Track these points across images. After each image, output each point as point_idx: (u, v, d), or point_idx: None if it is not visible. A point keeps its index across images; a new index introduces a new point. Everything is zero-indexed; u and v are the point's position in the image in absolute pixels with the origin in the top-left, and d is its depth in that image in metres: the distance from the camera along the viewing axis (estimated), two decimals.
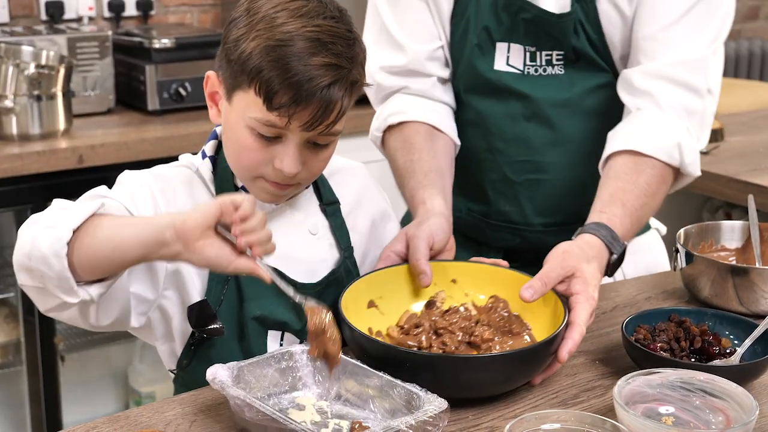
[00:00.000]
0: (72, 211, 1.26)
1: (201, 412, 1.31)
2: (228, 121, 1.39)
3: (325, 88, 1.31)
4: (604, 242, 1.50)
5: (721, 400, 1.26)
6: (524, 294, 1.39)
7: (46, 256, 1.22)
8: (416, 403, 1.22)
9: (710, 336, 1.44)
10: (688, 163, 1.63)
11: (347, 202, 1.55)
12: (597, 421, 1.18)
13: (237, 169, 1.42)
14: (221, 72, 1.39)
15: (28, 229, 1.27)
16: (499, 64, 1.73)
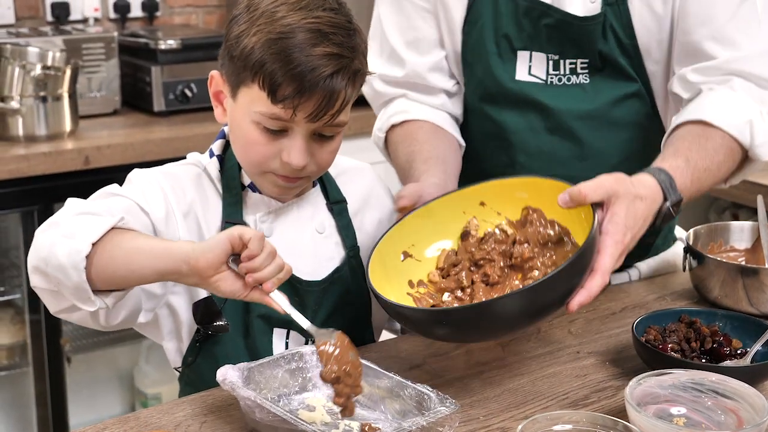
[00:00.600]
0: (91, 222, 1.27)
1: (211, 413, 1.30)
2: (234, 118, 1.40)
3: (328, 77, 1.32)
4: (661, 186, 1.42)
5: (732, 401, 1.25)
6: (561, 200, 1.34)
7: (65, 266, 1.24)
8: (427, 405, 1.22)
9: (721, 337, 1.44)
10: (758, 144, 1.55)
11: (354, 202, 1.55)
12: (609, 422, 1.18)
13: (245, 164, 1.43)
14: (224, 70, 1.40)
15: (45, 234, 1.29)
16: (521, 74, 1.67)
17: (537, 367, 1.45)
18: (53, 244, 1.26)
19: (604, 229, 1.32)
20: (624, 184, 1.36)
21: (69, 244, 1.25)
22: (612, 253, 1.31)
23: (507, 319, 1.27)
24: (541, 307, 1.27)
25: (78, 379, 2.97)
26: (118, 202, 1.36)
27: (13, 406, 2.92)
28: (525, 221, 1.43)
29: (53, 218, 1.31)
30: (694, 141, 1.52)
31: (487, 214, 1.46)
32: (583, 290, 1.28)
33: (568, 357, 1.48)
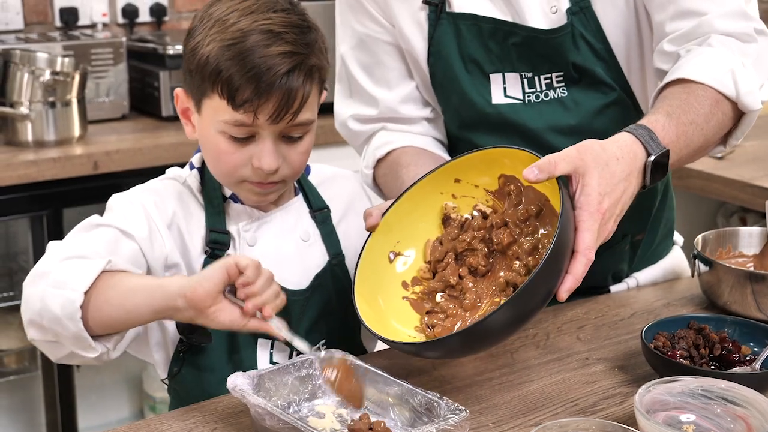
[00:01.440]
0: (79, 269, 1.27)
1: (221, 420, 1.31)
2: (201, 132, 1.41)
3: (284, 75, 1.32)
4: (640, 140, 1.36)
5: (742, 408, 1.25)
6: (528, 175, 1.27)
7: (60, 317, 1.25)
8: (437, 412, 1.22)
9: (730, 343, 1.44)
10: (744, 93, 1.48)
11: (338, 210, 1.55)
12: (618, 429, 1.18)
13: (219, 176, 1.44)
14: (187, 86, 1.41)
15: (35, 286, 1.29)
16: (497, 97, 1.63)
17: (546, 374, 1.45)
18: (45, 297, 1.27)
19: (578, 203, 1.28)
20: (591, 152, 1.30)
21: (61, 295, 1.26)
22: (589, 227, 1.26)
23: (499, 332, 1.27)
24: (529, 309, 1.26)
25: (87, 383, 2.98)
26: (101, 235, 1.36)
27: (23, 410, 2.93)
28: (503, 190, 1.40)
29: (40, 267, 1.31)
30: (674, 98, 1.46)
31: (464, 189, 1.43)
32: (569, 276, 1.25)
33: (577, 363, 1.48)
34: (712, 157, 2.75)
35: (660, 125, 1.40)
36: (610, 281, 1.77)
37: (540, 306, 1.26)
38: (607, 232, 1.30)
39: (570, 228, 1.25)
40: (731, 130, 1.54)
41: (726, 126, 1.52)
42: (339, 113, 1.78)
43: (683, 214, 3.00)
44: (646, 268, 1.81)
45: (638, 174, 1.35)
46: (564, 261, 1.25)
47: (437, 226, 1.45)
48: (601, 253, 1.34)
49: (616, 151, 1.33)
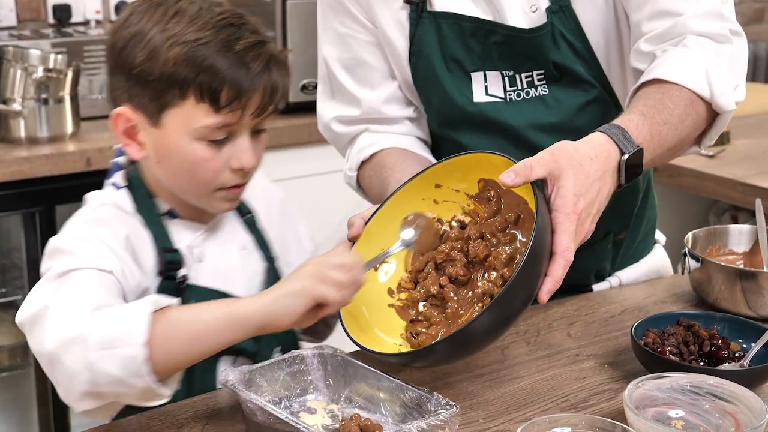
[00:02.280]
0: (123, 320, 1.19)
1: (213, 416, 1.31)
2: (165, 146, 1.34)
3: (265, 66, 1.31)
4: (613, 139, 1.36)
5: (730, 404, 1.26)
6: (505, 179, 1.28)
7: (122, 379, 1.18)
8: (427, 407, 1.23)
9: (719, 340, 1.45)
10: (718, 94, 1.48)
11: (263, 214, 1.53)
12: (608, 424, 1.19)
13: (192, 188, 1.37)
14: (135, 101, 1.33)
15: (72, 355, 1.18)
16: (479, 96, 1.63)
17: (536, 370, 1.46)
18: (93, 363, 1.17)
19: (554, 206, 1.28)
20: (565, 154, 1.31)
21: (116, 355, 1.17)
22: (566, 229, 1.26)
23: (483, 337, 1.27)
24: (511, 314, 1.26)
25: None
26: (86, 280, 1.27)
27: (15, 406, 2.93)
28: (483, 194, 1.41)
29: (67, 332, 1.19)
30: (649, 98, 1.46)
31: (445, 194, 1.44)
32: (548, 278, 1.25)
33: (567, 360, 1.49)
34: (704, 156, 2.76)
35: (633, 124, 1.41)
36: (592, 280, 1.78)
37: (521, 309, 1.27)
38: (584, 233, 1.31)
39: (546, 231, 1.26)
40: (705, 131, 1.55)
41: (700, 126, 1.53)
42: (322, 115, 1.78)
43: (674, 212, 3.03)
44: (629, 266, 1.82)
45: (613, 173, 1.36)
46: (542, 264, 1.25)
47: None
48: (583, 251, 1.35)
49: (589, 151, 1.34)
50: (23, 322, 1.28)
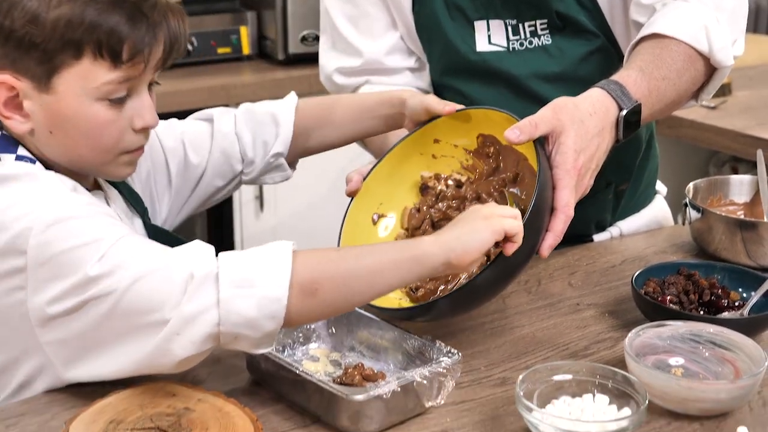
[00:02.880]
0: (263, 260, 1.13)
1: (217, 363, 1.32)
2: (59, 112, 1.20)
3: (163, 15, 1.22)
4: (612, 95, 1.37)
5: (730, 352, 1.27)
6: (510, 136, 1.28)
7: (254, 320, 1.11)
8: (430, 355, 1.24)
9: (719, 289, 1.46)
10: (717, 50, 1.48)
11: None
12: (608, 372, 1.20)
13: (95, 155, 1.24)
14: (18, 66, 1.19)
15: (200, 297, 1.10)
16: (482, 45, 1.63)
17: (537, 319, 1.47)
18: (227, 301, 1.10)
19: (554, 162, 1.30)
20: (566, 111, 1.32)
21: (255, 294, 1.11)
22: (567, 185, 1.28)
23: (486, 291, 1.29)
24: (513, 268, 1.27)
25: None
26: (140, 241, 1.17)
27: None
28: (482, 150, 1.41)
29: (183, 271, 1.11)
30: (647, 53, 1.47)
31: (443, 149, 1.44)
32: (549, 233, 1.28)
33: (568, 309, 1.50)
34: (705, 107, 2.76)
35: (632, 80, 1.41)
36: (593, 230, 1.79)
37: (523, 263, 1.28)
38: (584, 188, 1.33)
39: (548, 187, 1.27)
40: (703, 85, 1.55)
41: (698, 81, 1.53)
42: (324, 66, 1.77)
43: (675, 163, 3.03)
44: (630, 217, 1.82)
45: (611, 129, 1.37)
46: (544, 219, 1.27)
47: (418, 187, 1.46)
48: (584, 202, 1.36)
49: (588, 108, 1.35)
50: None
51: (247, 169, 1.50)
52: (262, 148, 1.49)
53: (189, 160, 1.47)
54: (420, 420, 1.20)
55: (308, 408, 1.20)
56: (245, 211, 2.95)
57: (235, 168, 1.49)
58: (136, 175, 1.41)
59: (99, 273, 1.11)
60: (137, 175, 1.42)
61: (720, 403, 1.19)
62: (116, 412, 1.11)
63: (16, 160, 1.22)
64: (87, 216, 1.16)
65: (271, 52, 3.06)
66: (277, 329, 1.13)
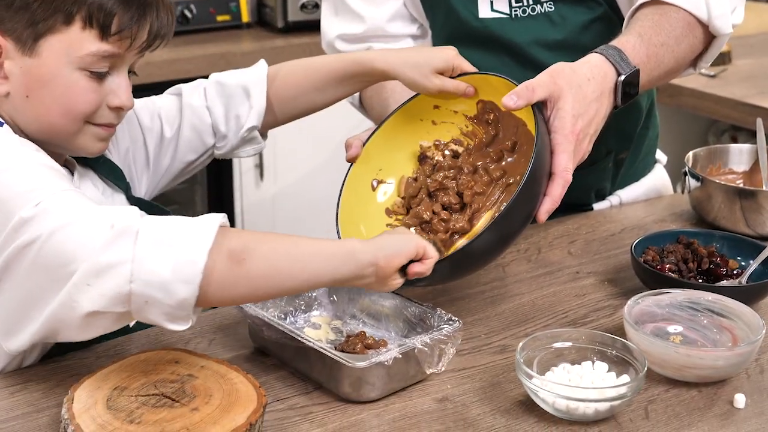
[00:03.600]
0: (188, 225, 1.07)
1: (219, 331, 1.34)
2: (40, 76, 1.20)
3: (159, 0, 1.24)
4: (610, 60, 1.37)
5: (728, 320, 1.28)
6: (507, 102, 1.28)
7: (168, 282, 1.05)
8: (430, 322, 1.25)
9: (718, 257, 1.47)
10: (716, 17, 1.48)
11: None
12: (607, 339, 1.21)
13: (66, 123, 1.24)
14: (3, 26, 1.19)
15: (122, 248, 1.05)
16: (484, 11, 1.63)
17: (537, 287, 1.48)
18: (141, 258, 1.05)
19: (552, 127, 1.30)
20: (564, 76, 1.32)
21: (171, 254, 1.05)
22: (565, 149, 1.28)
23: (483, 255, 1.28)
24: (511, 233, 1.27)
25: None
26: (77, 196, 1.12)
27: None
28: (482, 117, 1.41)
29: (115, 222, 1.06)
30: (646, 19, 1.47)
31: (443, 115, 1.44)
32: (547, 198, 1.27)
33: (568, 277, 1.51)
34: (705, 75, 2.75)
35: (630, 45, 1.41)
36: (593, 199, 1.79)
37: (521, 228, 1.28)
38: (582, 153, 1.33)
39: (546, 152, 1.27)
40: (701, 53, 1.55)
41: (697, 49, 1.53)
42: (326, 33, 1.77)
43: (674, 131, 3.03)
44: (629, 185, 1.83)
45: (609, 94, 1.37)
46: (542, 184, 1.27)
47: (418, 152, 1.45)
48: (584, 170, 1.36)
49: (586, 72, 1.35)
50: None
51: (219, 143, 1.49)
52: (235, 122, 1.47)
53: (164, 134, 1.46)
54: (421, 387, 1.21)
55: (310, 375, 1.22)
56: (245, 180, 2.95)
57: (207, 141, 1.48)
58: (115, 152, 1.41)
59: (29, 215, 1.07)
60: (117, 153, 1.42)
61: (718, 370, 1.21)
62: (120, 379, 1.12)
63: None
64: (32, 168, 1.15)
65: (270, 20, 3.05)
66: (191, 299, 1.05)
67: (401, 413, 1.16)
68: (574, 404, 1.12)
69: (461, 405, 1.18)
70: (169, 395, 1.10)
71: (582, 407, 1.13)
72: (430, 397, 1.19)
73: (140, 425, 1.04)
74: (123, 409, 1.07)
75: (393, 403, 1.18)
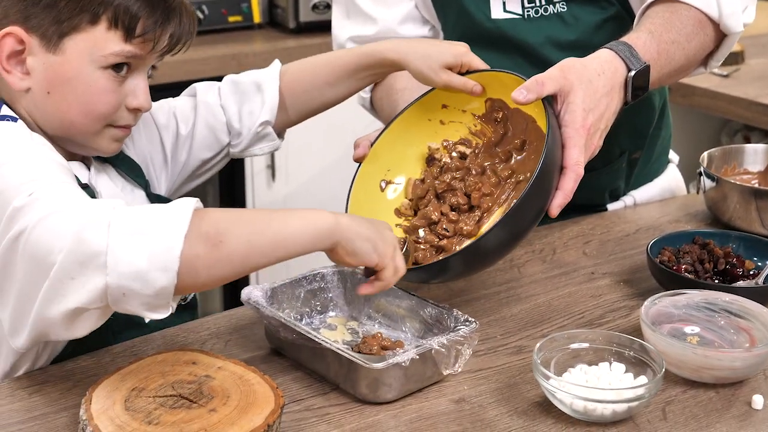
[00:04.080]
0: (160, 212, 1.05)
1: (235, 332, 1.34)
2: (62, 73, 1.22)
3: (183, 5, 1.26)
4: (620, 55, 1.37)
5: (745, 321, 1.28)
6: (517, 96, 1.28)
7: (145, 271, 1.02)
8: (447, 323, 1.25)
9: (734, 258, 1.46)
10: (727, 15, 1.48)
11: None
12: (625, 340, 1.21)
13: (86, 122, 1.25)
14: (33, 22, 1.20)
15: (90, 241, 1.02)
16: (496, 12, 1.63)
17: (552, 288, 1.47)
18: (115, 247, 1.02)
19: (563, 121, 1.29)
20: (574, 70, 1.32)
21: (145, 243, 1.02)
22: (576, 143, 1.28)
23: (494, 250, 1.28)
24: (523, 227, 1.27)
25: None
26: (68, 188, 1.12)
27: None
28: (490, 115, 1.41)
29: (87, 215, 1.04)
30: (657, 16, 1.47)
31: (452, 115, 1.44)
32: (559, 192, 1.26)
33: (583, 278, 1.51)
34: (718, 75, 2.75)
35: (641, 42, 1.41)
36: (607, 199, 1.79)
37: (533, 223, 1.28)
38: (593, 147, 1.32)
39: (557, 146, 1.27)
40: (712, 52, 1.55)
41: (707, 47, 1.53)
42: (337, 35, 1.77)
43: (687, 131, 3.02)
44: (643, 186, 1.83)
45: (620, 89, 1.37)
46: (553, 178, 1.26)
47: (426, 151, 1.45)
48: (598, 170, 1.36)
49: (597, 67, 1.35)
50: None
51: (234, 140, 1.49)
52: (249, 118, 1.48)
53: (180, 132, 1.47)
54: (437, 388, 1.21)
55: (327, 376, 1.22)
56: (257, 180, 2.95)
57: (222, 139, 1.49)
58: (134, 150, 1.42)
59: (21, 205, 1.07)
60: (135, 151, 1.43)
61: (735, 371, 1.20)
62: (138, 380, 1.12)
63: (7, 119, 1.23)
64: (34, 161, 1.15)
65: (282, 21, 3.05)
66: (170, 286, 1.03)
67: (418, 414, 1.16)
68: (591, 405, 1.12)
69: (478, 406, 1.18)
70: (186, 396, 1.10)
71: (600, 408, 1.12)
72: (447, 398, 1.19)
73: (159, 426, 1.04)
74: (141, 410, 1.07)
75: (410, 404, 1.18)
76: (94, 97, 1.24)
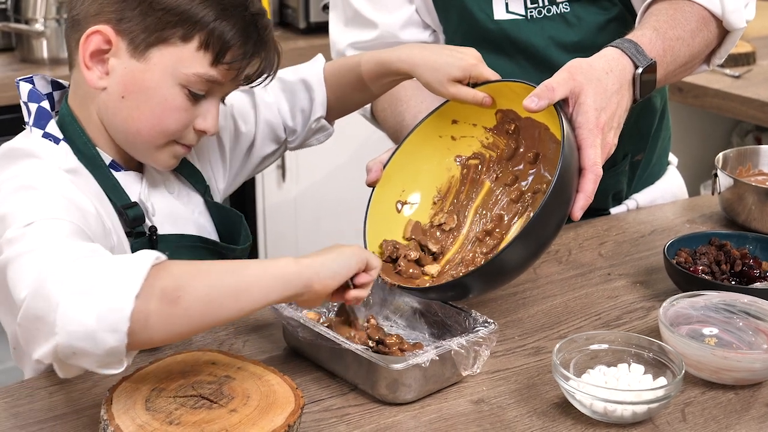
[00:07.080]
0: (114, 269, 1.00)
1: (253, 332, 1.34)
2: (141, 81, 1.22)
3: (272, 40, 1.27)
4: (626, 53, 1.37)
5: (764, 322, 1.28)
6: (529, 104, 1.27)
7: (94, 331, 0.98)
8: (465, 324, 1.25)
9: (750, 259, 1.46)
10: (730, 11, 1.49)
11: None
12: (644, 341, 1.21)
13: (152, 134, 1.25)
14: (128, 24, 1.20)
15: (48, 297, 0.99)
16: (499, 13, 1.62)
17: (569, 289, 1.47)
18: (65, 308, 0.98)
19: (576, 123, 1.29)
20: (581, 71, 1.31)
21: (94, 303, 0.98)
22: (592, 143, 1.27)
23: (513, 267, 1.27)
24: (547, 235, 1.26)
25: None
26: (59, 227, 1.08)
27: None
28: (502, 127, 1.40)
29: (35, 272, 1.00)
30: (661, 13, 1.47)
31: (462, 130, 1.43)
32: (581, 194, 1.26)
33: (599, 279, 1.51)
34: (730, 76, 2.74)
35: (647, 39, 1.41)
36: (610, 203, 1.78)
37: (557, 228, 1.27)
38: (609, 146, 1.32)
39: (573, 149, 1.26)
40: (715, 49, 1.55)
41: (711, 44, 1.53)
42: (336, 42, 1.76)
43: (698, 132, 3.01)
44: (645, 189, 1.82)
45: (628, 86, 1.37)
46: (572, 182, 1.26)
47: (439, 169, 1.44)
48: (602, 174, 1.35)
49: (604, 66, 1.34)
50: None
51: (290, 137, 1.52)
52: (301, 116, 1.49)
53: (239, 130, 1.47)
54: (456, 389, 1.21)
55: (346, 376, 1.22)
56: (267, 181, 2.96)
57: (280, 136, 1.51)
58: (196, 155, 1.42)
59: (12, 236, 1.06)
60: (197, 157, 1.43)
61: (754, 372, 1.20)
62: (158, 380, 1.12)
63: (42, 137, 1.23)
64: (46, 193, 1.13)
65: (292, 21, 3.05)
66: (121, 346, 0.99)
67: (437, 415, 1.16)
68: (611, 406, 1.12)
69: (497, 407, 1.18)
70: (207, 396, 1.10)
71: (620, 409, 1.12)
72: (466, 399, 1.19)
73: (180, 426, 1.04)
74: (162, 410, 1.07)
75: (429, 404, 1.18)
76: (166, 112, 1.23)
